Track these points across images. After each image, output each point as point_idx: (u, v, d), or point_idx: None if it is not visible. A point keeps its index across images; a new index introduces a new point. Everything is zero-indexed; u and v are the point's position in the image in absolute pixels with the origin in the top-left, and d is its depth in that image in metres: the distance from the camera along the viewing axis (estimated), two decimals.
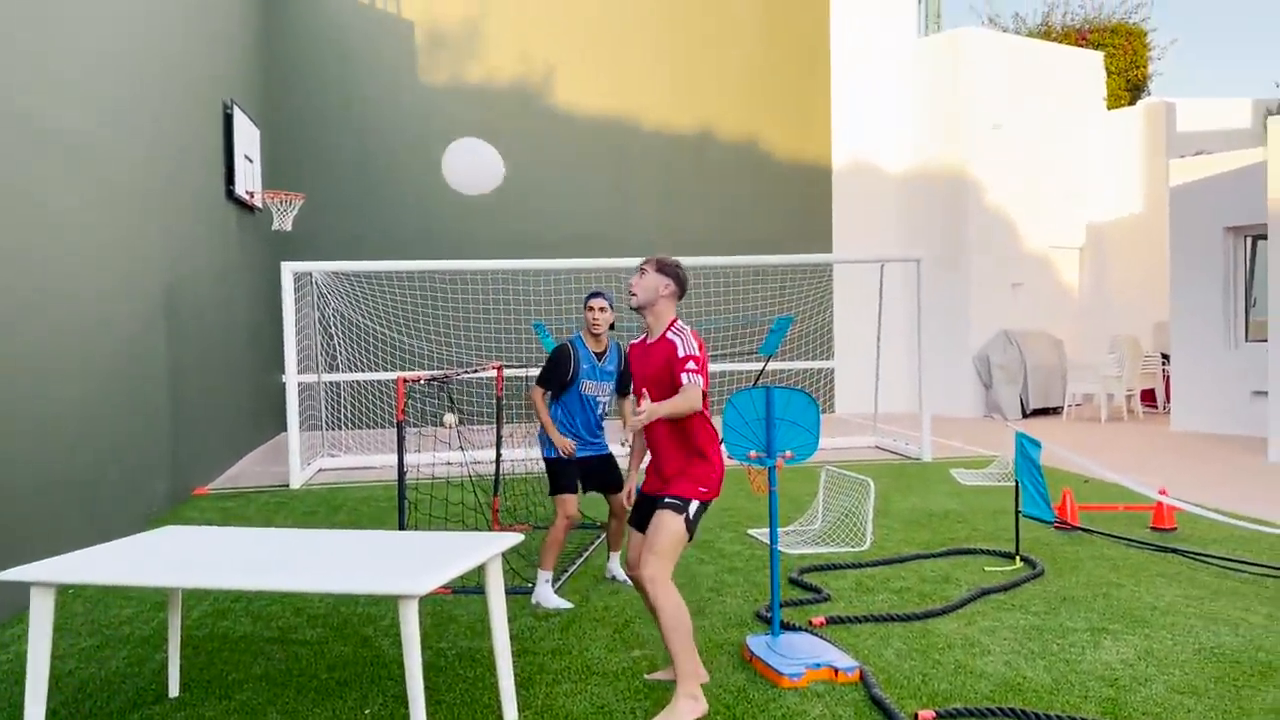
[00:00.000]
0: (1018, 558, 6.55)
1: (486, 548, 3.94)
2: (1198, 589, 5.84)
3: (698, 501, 4.19)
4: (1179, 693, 4.26)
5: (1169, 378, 14.95)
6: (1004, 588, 5.88)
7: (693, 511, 4.17)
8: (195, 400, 9.96)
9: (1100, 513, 8.06)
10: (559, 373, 5.87)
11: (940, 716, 4.01)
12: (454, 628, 5.34)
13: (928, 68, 16.72)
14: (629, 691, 4.37)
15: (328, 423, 14.04)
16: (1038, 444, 6.51)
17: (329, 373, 14.07)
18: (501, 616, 4.07)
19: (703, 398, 4.13)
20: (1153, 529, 7.43)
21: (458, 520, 7.80)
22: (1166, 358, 15.63)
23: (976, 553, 6.83)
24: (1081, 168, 17.07)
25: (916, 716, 4.00)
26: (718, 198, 16.58)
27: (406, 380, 6.20)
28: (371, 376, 14.39)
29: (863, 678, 4.41)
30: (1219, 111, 17.48)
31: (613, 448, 6.31)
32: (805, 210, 16.91)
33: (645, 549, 4.16)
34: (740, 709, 4.15)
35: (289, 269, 10.48)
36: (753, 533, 7.50)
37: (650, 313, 4.32)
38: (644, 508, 4.37)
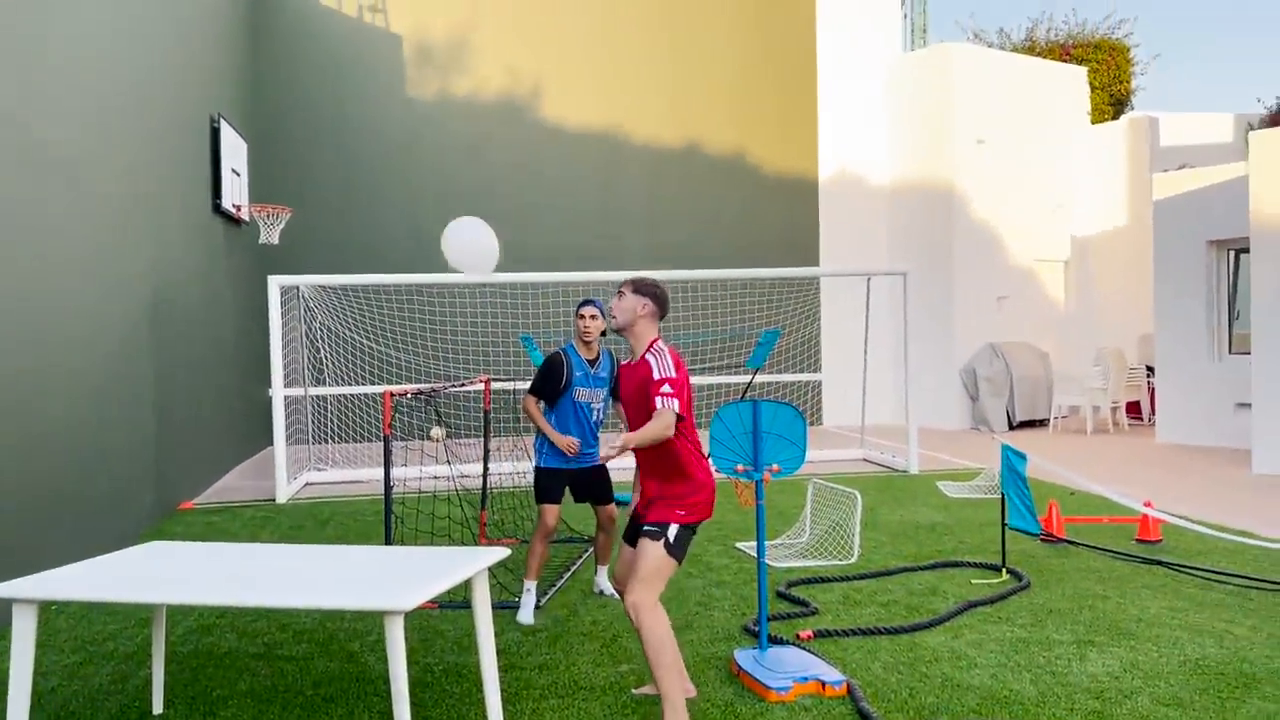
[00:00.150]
0: (1004, 570, 6.57)
1: (473, 562, 3.94)
2: (1183, 601, 5.87)
3: (676, 525, 4.12)
4: (1164, 705, 4.28)
5: (1154, 390, 15.04)
6: (990, 600, 5.90)
7: (672, 536, 4.10)
8: (181, 414, 9.92)
9: (1086, 525, 8.10)
10: (552, 381, 5.86)
11: None
12: (440, 643, 5.32)
13: (913, 82, 16.82)
14: (616, 707, 4.37)
15: (314, 436, 14.00)
16: (1023, 456, 6.54)
17: (316, 386, 14.02)
18: (488, 631, 4.07)
19: (679, 419, 4.07)
20: (1138, 541, 7.46)
21: (444, 534, 7.78)
22: (1151, 370, 15.72)
23: (963, 565, 6.85)
24: (1066, 181, 17.19)
25: None
26: (705, 211, 16.62)
27: (393, 394, 6.19)
28: (358, 390, 14.35)
29: (850, 691, 4.41)
30: (1202, 126, 17.63)
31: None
32: (792, 223, 16.97)
33: (630, 575, 4.13)
34: None
35: (275, 282, 10.46)
36: (740, 546, 7.50)
37: (630, 334, 4.31)
38: (634, 525, 4.37)
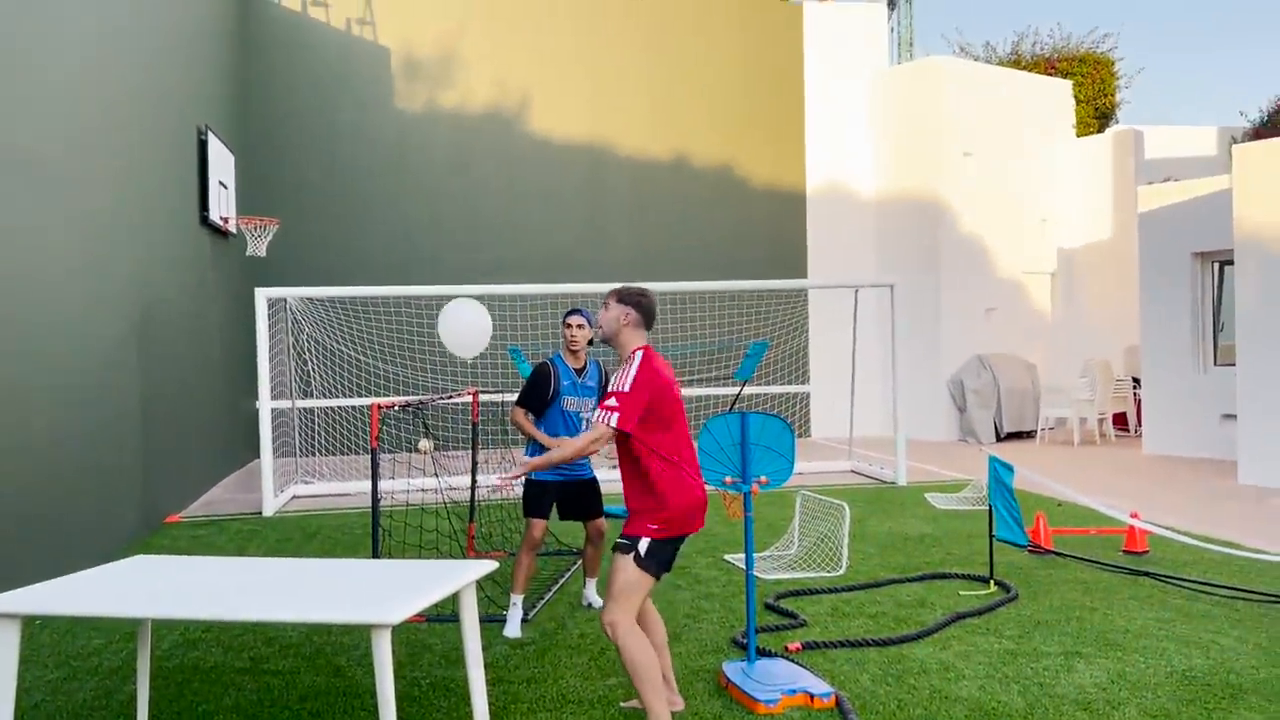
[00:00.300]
0: (992, 582, 6.58)
1: (461, 575, 3.92)
2: (1170, 612, 5.89)
3: (647, 539, 4.04)
4: (1151, 716, 4.29)
5: (1140, 401, 15.11)
6: (978, 612, 5.91)
7: (643, 549, 4.02)
8: (167, 427, 9.87)
9: (1073, 536, 8.12)
10: (539, 390, 5.84)
11: None
12: (428, 657, 5.30)
13: (900, 95, 16.91)
14: None
15: (302, 449, 13.94)
16: (1011, 468, 6.56)
17: (303, 399, 13.98)
18: (476, 645, 4.05)
19: (624, 435, 3.99)
20: (1125, 552, 7.48)
21: (432, 547, 7.75)
22: (1137, 381, 15.80)
23: (951, 577, 6.85)
24: (1052, 194, 17.29)
25: None
26: (693, 223, 16.66)
27: (381, 406, 6.17)
28: (346, 402, 14.31)
29: (838, 704, 4.41)
30: (1186, 139, 17.78)
31: (599, 472, 6.28)
32: (780, 235, 17.02)
33: (606, 593, 4.11)
34: None
35: (263, 294, 10.44)
36: (729, 558, 7.50)
37: (616, 344, 4.30)
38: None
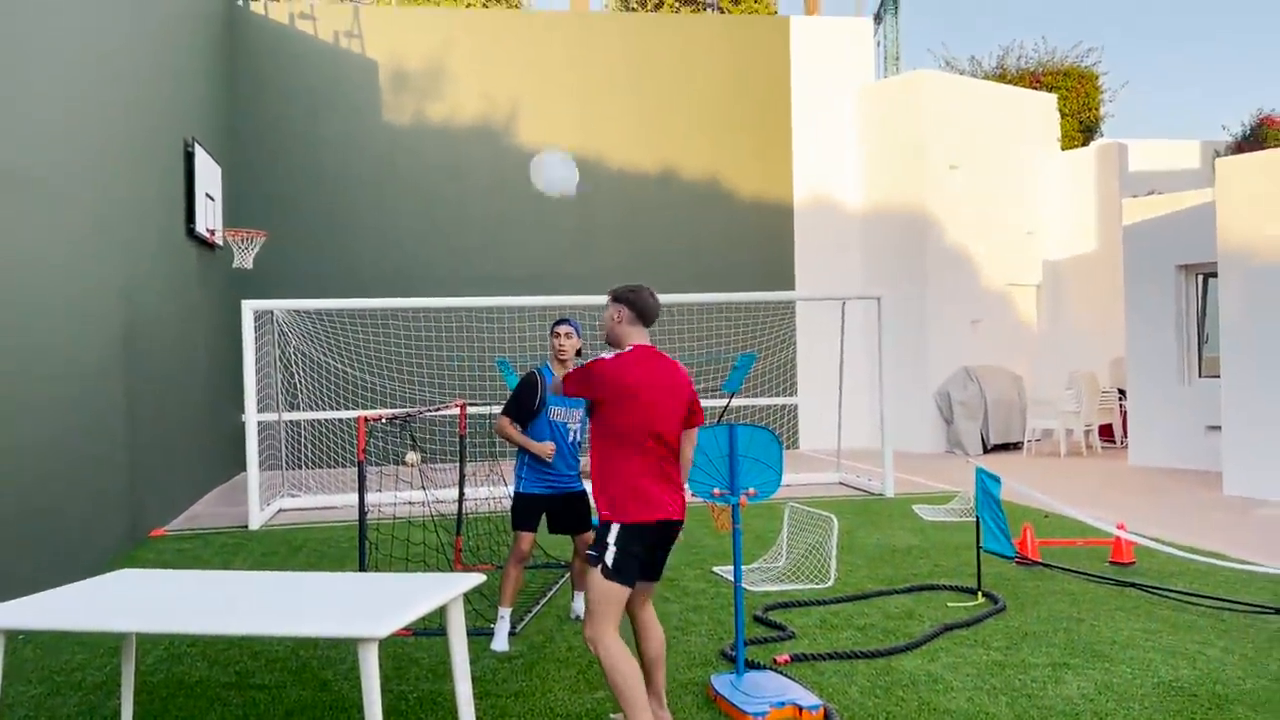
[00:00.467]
0: (980, 593, 6.58)
1: (448, 589, 3.91)
2: (1156, 623, 5.90)
3: (612, 549, 3.95)
4: None
5: (1125, 413, 15.18)
6: (966, 624, 5.91)
7: (609, 560, 3.94)
8: (153, 440, 9.82)
9: (1060, 547, 8.14)
10: (525, 400, 5.78)
11: None
12: (415, 670, 5.27)
13: (887, 109, 17.00)
14: None
15: (288, 462, 13.87)
16: (998, 480, 6.58)
17: (290, 412, 13.92)
18: (463, 659, 4.03)
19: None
20: (1112, 563, 7.51)
21: (419, 560, 7.72)
22: (1123, 393, 15.87)
23: (939, 589, 6.86)
24: (1037, 207, 17.39)
25: None
26: (681, 235, 16.69)
27: (368, 419, 6.15)
28: (333, 415, 14.25)
29: (827, 716, 4.40)
30: (1169, 152, 17.91)
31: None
32: (767, 248, 17.06)
33: (585, 608, 4.05)
34: None
35: (250, 307, 10.41)
36: (717, 570, 7.49)
37: (616, 344, 4.29)
38: None
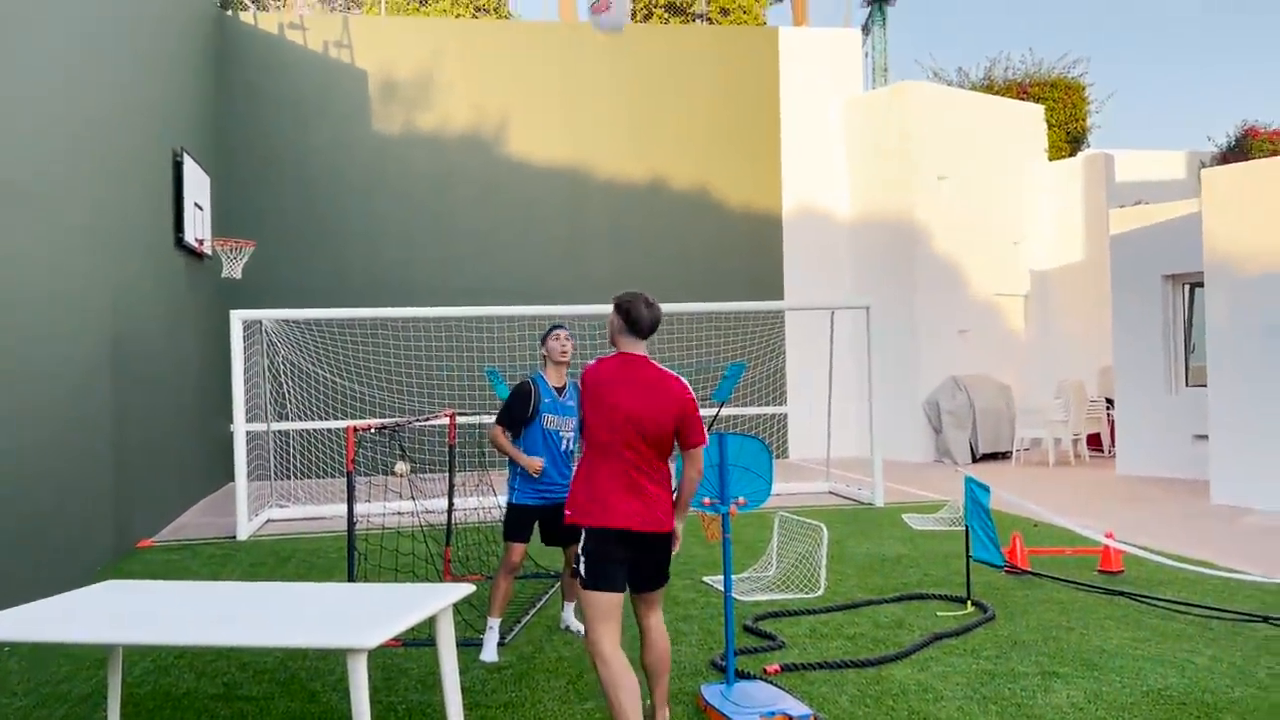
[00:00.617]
0: (969, 602, 6.59)
1: (437, 599, 3.90)
2: (1145, 631, 5.92)
3: (581, 557, 3.97)
4: None
5: (1113, 422, 15.24)
6: (956, 633, 5.92)
7: (581, 568, 3.95)
8: (141, 450, 9.77)
9: (1049, 556, 8.16)
10: (519, 408, 5.74)
11: None
12: (404, 681, 5.25)
13: (875, 119, 17.07)
14: None
15: (276, 472, 13.82)
16: (987, 489, 6.59)
17: (278, 421, 13.87)
18: (453, 669, 4.02)
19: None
20: (1100, 572, 7.53)
21: (409, 571, 7.69)
22: (1111, 402, 15.93)
23: (928, 598, 6.87)
24: (1025, 217, 17.48)
25: None
26: (670, 245, 16.71)
27: (357, 429, 6.14)
28: (321, 425, 14.20)
29: None
30: (1155, 163, 18.03)
31: None
32: (757, 257, 17.10)
33: None
34: None
35: (238, 317, 10.37)
36: (707, 580, 7.48)
37: (617, 350, 4.32)
38: None
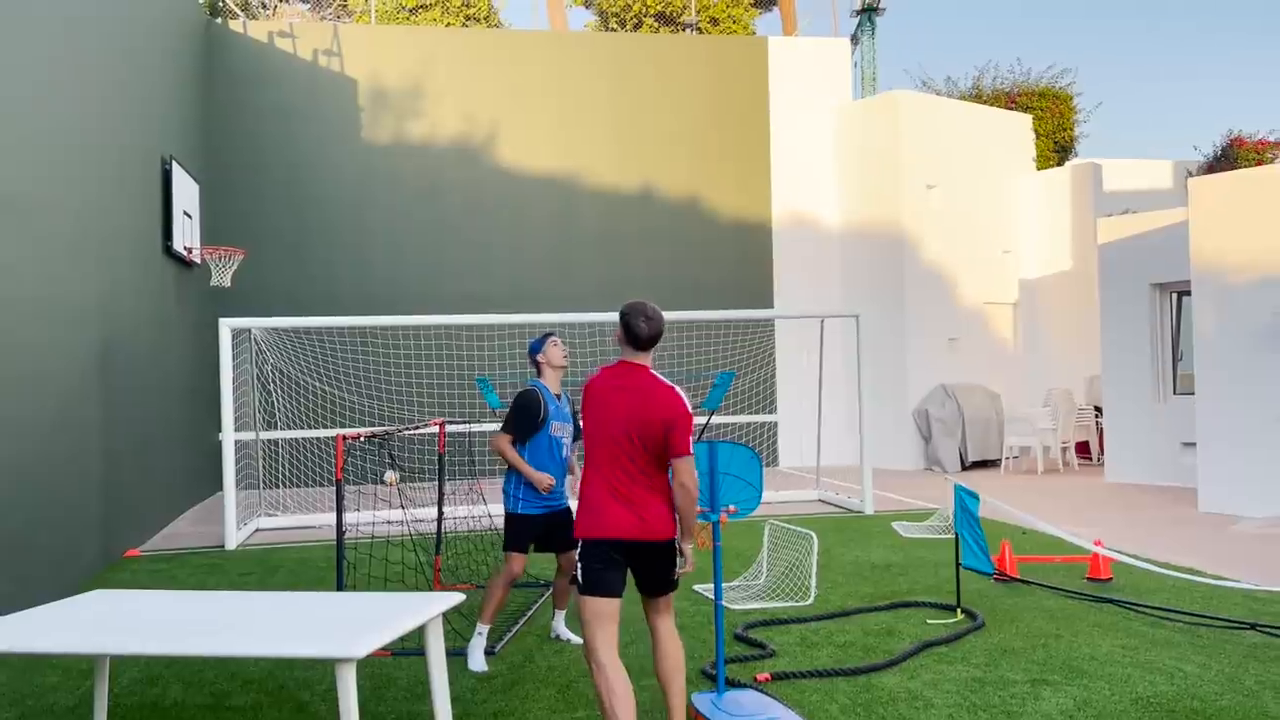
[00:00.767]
0: (959, 610, 6.60)
1: (427, 608, 3.89)
2: (1134, 639, 5.93)
3: (579, 563, 4.00)
4: None
5: (1102, 430, 15.29)
6: (946, 640, 5.93)
7: (579, 575, 3.99)
8: (129, 459, 9.73)
9: (1038, 564, 8.18)
10: (530, 416, 5.60)
11: None
12: (393, 691, 5.23)
13: (864, 128, 17.15)
14: None
15: (265, 481, 13.78)
16: (976, 497, 6.61)
17: (267, 430, 13.83)
18: (442, 679, 4.01)
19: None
20: (1089, 579, 7.55)
21: (398, 580, 7.67)
22: (1099, 410, 15.99)
23: (918, 606, 6.87)
24: (1013, 226, 17.56)
25: None
26: (660, 254, 16.74)
27: (346, 438, 6.12)
28: (310, 434, 14.17)
29: None
30: (1143, 172, 18.13)
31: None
32: (746, 266, 17.14)
33: None
34: None
35: (227, 325, 10.34)
36: (698, 588, 7.48)
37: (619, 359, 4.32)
38: None
